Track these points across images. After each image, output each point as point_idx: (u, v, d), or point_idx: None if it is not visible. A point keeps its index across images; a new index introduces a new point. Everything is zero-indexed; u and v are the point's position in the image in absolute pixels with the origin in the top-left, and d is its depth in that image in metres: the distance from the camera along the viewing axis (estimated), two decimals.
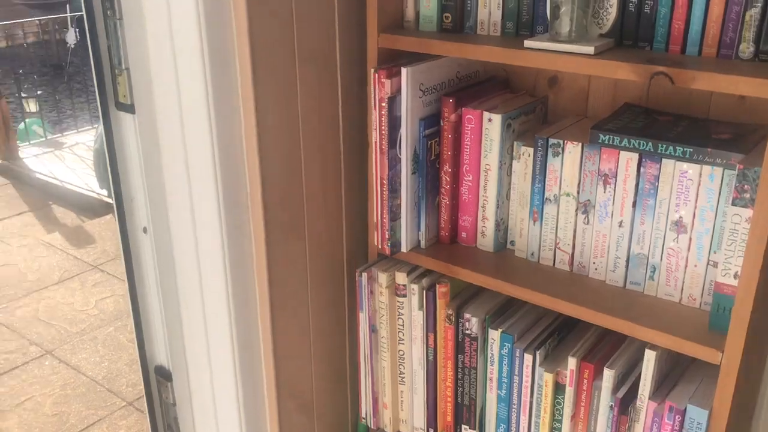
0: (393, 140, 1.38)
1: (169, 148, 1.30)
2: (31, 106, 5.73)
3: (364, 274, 1.48)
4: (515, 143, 1.37)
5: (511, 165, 1.39)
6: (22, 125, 5.65)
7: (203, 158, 1.28)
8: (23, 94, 5.69)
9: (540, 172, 1.33)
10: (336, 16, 1.37)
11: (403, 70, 1.33)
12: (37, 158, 5.30)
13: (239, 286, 1.39)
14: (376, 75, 1.34)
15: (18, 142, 5.45)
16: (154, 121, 1.29)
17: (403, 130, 1.37)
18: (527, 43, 1.18)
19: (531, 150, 1.33)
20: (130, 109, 1.29)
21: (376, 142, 1.39)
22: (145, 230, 1.39)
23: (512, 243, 1.44)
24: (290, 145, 1.35)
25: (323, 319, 1.53)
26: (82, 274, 3.66)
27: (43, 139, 5.62)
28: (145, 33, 1.22)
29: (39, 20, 6.09)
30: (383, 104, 1.35)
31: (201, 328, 1.43)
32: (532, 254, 1.39)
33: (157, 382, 1.53)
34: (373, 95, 1.36)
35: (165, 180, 1.34)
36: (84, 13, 1.24)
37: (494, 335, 1.38)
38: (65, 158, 5.33)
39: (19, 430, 2.54)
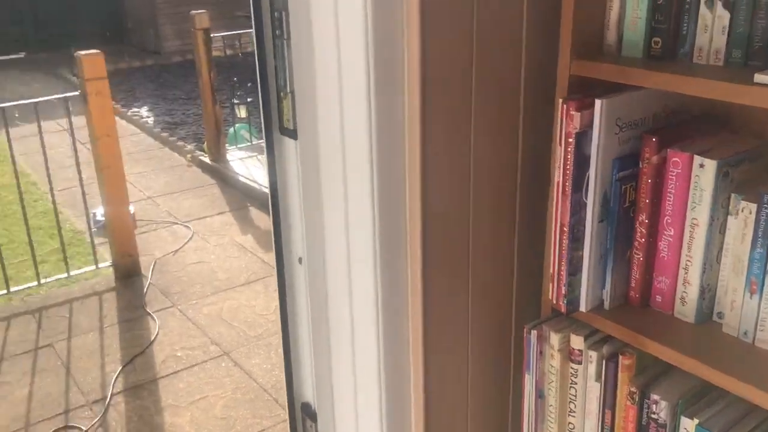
0: (579, 182, 1.18)
1: (328, 178, 1.22)
2: (242, 112, 6.11)
3: (534, 332, 1.29)
4: (733, 196, 1.12)
5: (725, 222, 1.14)
6: (231, 130, 6.04)
7: (362, 189, 1.18)
8: (236, 101, 6.07)
9: (764, 235, 1.07)
10: (523, 39, 1.21)
11: (597, 102, 1.13)
12: (241, 161, 5.63)
13: (391, 328, 1.27)
14: (565, 106, 1.15)
15: (227, 145, 5.83)
16: (316, 148, 1.20)
17: (591, 171, 1.17)
18: (759, 77, 0.94)
19: (754, 206, 1.08)
20: (292, 134, 1.23)
21: (558, 182, 1.20)
22: (300, 261, 1.32)
23: (720, 315, 1.18)
24: (458, 180, 1.21)
25: (483, 375, 1.37)
26: (266, 278, 3.78)
27: (249, 143, 5.96)
28: (312, 55, 1.15)
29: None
30: (570, 140, 1.16)
31: (349, 369, 1.33)
32: (746, 333, 1.13)
33: (303, 420, 1.46)
34: (559, 129, 1.18)
35: (323, 210, 1.25)
36: (253, 31, 1.19)
37: (688, 425, 1.13)
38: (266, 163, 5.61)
39: (190, 428, 2.63)
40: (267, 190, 4.78)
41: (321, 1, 1.12)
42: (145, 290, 3.68)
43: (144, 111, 7.68)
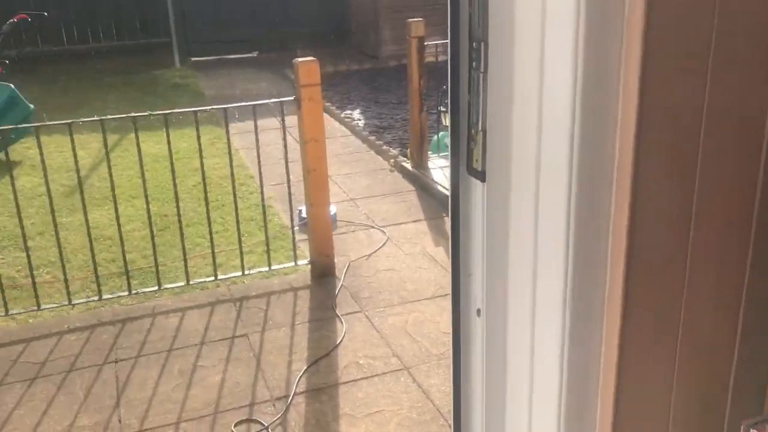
0: None
1: (518, 225, 1.10)
2: (447, 120, 6.10)
3: (753, 431, 1.08)
4: None
5: None
6: (435, 137, 6.05)
7: (555, 240, 1.05)
8: (442, 109, 6.07)
9: None
10: None
11: None
12: (441, 170, 5.62)
13: (576, 395, 1.13)
14: None
15: (429, 152, 5.85)
16: (506, 192, 1.09)
17: None
18: None
19: None
20: (481, 176, 1.12)
21: None
22: (478, 312, 1.22)
23: None
24: (675, 228, 1.03)
25: None
26: None
27: None
28: (511, 91, 1.03)
29: None
30: None
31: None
32: None
33: None
34: None
35: (508, 258, 1.13)
36: (448, 62, 1.10)
37: None
38: None
39: None
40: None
41: (526, 32, 1.01)
42: (336, 291, 3.77)
43: (356, 113, 7.96)
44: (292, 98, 3.69)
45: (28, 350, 3.31)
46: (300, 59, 3.62)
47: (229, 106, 3.93)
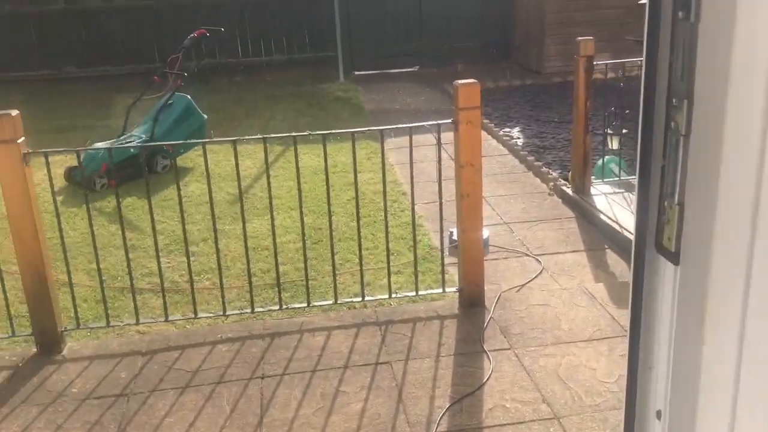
0: None
1: (718, 320, 0.89)
2: (614, 144, 5.73)
3: None
4: None
5: None
6: (600, 161, 5.70)
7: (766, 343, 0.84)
8: (609, 131, 5.71)
9: None
10: None
11: None
12: (605, 197, 5.27)
13: None
14: None
15: (593, 177, 5.51)
16: (705, 280, 0.89)
17: None
18: None
19: None
20: (672, 257, 0.93)
21: None
22: (658, 415, 1.02)
23: None
24: None
25: None
26: (614, 338, 3.42)
27: (617, 179, 5.55)
28: (718, 160, 0.84)
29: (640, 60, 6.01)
30: None
31: None
32: None
33: None
34: None
35: (702, 357, 0.93)
36: (640, 119, 0.92)
37: None
38: (633, 202, 5.16)
39: None
40: (630, 234, 4.24)
41: (744, 86, 0.81)
42: (485, 324, 3.60)
43: (515, 132, 7.72)
44: (449, 121, 3.57)
45: (183, 357, 3.43)
46: (460, 81, 3.50)
47: (385, 127, 3.88)
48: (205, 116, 6.63)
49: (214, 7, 10.24)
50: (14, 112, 3.19)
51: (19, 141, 3.20)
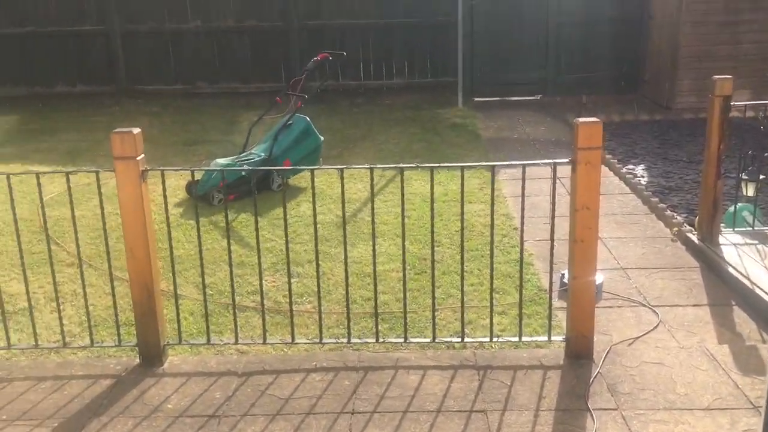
0: None
1: None
2: (749, 191, 5.28)
3: None
4: None
5: None
6: (731, 208, 5.27)
7: None
8: (744, 176, 5.27)
9: None
10: None
11: None
12: (735, 248, 4.85)
13: None
14: None
15: (722, 225, 5.10)
16: None
17: None
18: None
19: None
20: None
21: None
22: None
23: None
24: None
25: None
26: (736, 410, 3.09)
27: (751, 229, 5.11)
28: None
29: None
30: None
31: None
32: None
33: None
34: None
35: None
36: None
37: None
38: (766, 256, 4.72)
39: None
40: (762, 292, 3.80)
41: None
42: (591, 379, 3.36)
43: (639, 169, 7.32)
44: (566, 161, 3.39)
45: (277, 382, 3.41)
46: (581, 119, 3.31)
47: (498, 164, 3.74)
48: (322, 138, 6.72)
49: (340, 31, 10.44)
50: (136, 130, 3.31)
51: (138, 158, 3.31)
